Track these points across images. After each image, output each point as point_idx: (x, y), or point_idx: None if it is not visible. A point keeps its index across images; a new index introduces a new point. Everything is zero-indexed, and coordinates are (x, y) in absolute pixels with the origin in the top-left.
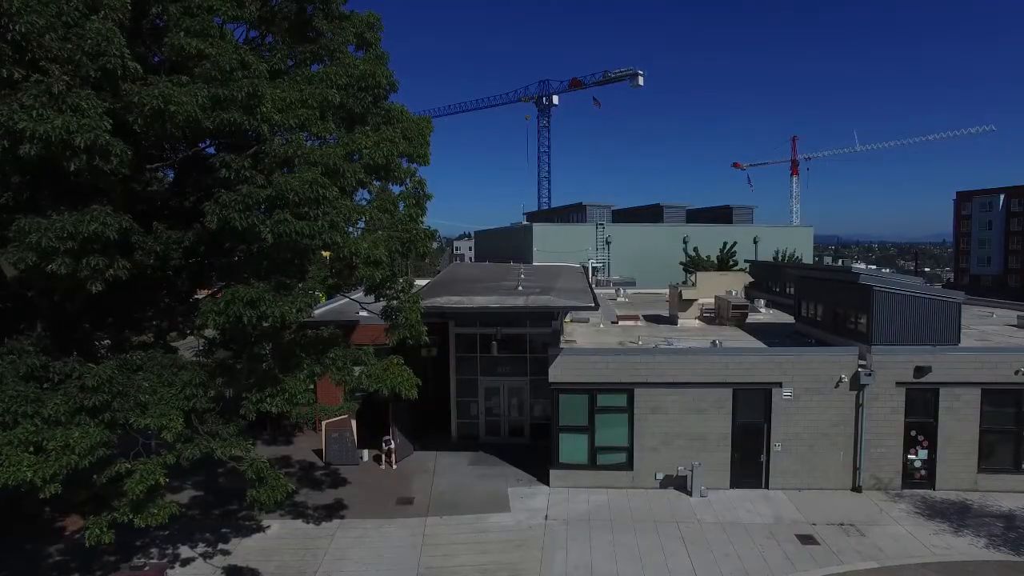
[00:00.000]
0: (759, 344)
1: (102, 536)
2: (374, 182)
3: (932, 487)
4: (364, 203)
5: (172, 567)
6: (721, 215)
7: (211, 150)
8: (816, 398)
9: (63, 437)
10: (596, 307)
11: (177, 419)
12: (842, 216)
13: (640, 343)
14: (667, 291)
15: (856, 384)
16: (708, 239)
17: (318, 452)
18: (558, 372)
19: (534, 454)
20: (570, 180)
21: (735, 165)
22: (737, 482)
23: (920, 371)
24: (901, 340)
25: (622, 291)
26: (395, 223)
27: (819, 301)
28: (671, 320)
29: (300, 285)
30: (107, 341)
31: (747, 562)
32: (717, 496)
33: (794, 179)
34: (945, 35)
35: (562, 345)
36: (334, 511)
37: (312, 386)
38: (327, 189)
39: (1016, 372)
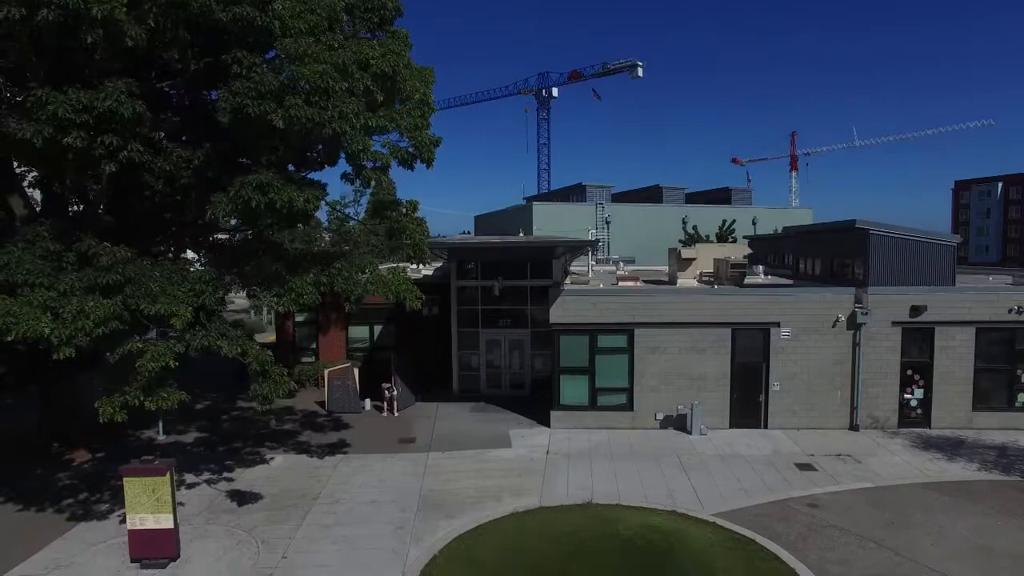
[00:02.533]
0: None
1: (115, 415)
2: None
3: (928, 425)
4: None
5: (178, 489)
6: (720, 197)
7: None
8: (814, 338)
9: (78, 304)
10: (596, 243)
11: (186, 309)
12: (841, 206)
13: None
14: (666, 269)
15: (853, 324)
16: (707, 219)
17: (320, 403)
18: (559, 312)
19: (535, 404)
20: (569, 167)
21: (734, 161)
22: (736, 422)
23: (916, 310)
24: (897, 283)
25: (622, 266)
26: (401, 130)
27: (816, 255)
28: (670, 282)
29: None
30: None
31: (745, 483)
32: (716, 434)
33: (793, 174)
34: (946, 18)
35: (563, 287)
36: (337, 448)
37: (318, 291)
38: (337, 83)
39: (1010, 310)
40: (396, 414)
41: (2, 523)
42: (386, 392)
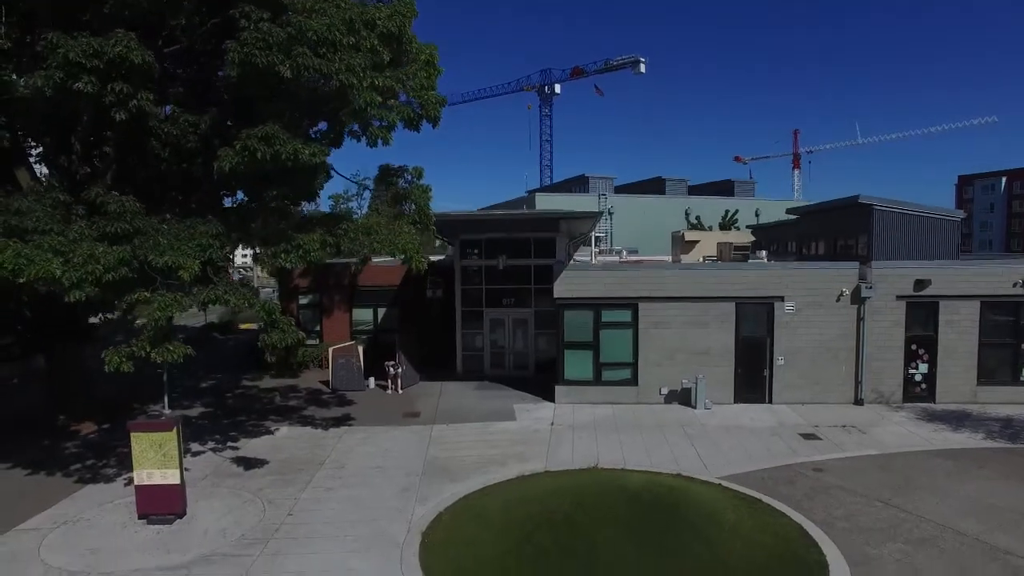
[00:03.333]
0: None
1: (121, 364)
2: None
3: (932, 400)
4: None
5: (183, 456)
6: (723, 188)
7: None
8: (818, 312)
9: (88, 249)
10: (599, 213)
11: (194, 262)
12: None
13: None
14: (669, 259)
15: (857, 298)
16: (710, 210)
17: (324, 383)
18: (563, 287)
19: (539, 384)
20: (572, 164)
21: (737, 159)
22: (740, 397)
23: (920, 284)
24: (901, 258)
25: (624, 254)
26: (408, 91)
27: (820, 236)
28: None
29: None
30: None
31: (750, 451)
32: (721, 409)
33: (796, 172)
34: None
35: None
36: (341, 421)
37: (325, 250)
38: (344, 36)
39: (1014, 284)
40: (400, 392)
41: (10, 486)
42: (390, 369)
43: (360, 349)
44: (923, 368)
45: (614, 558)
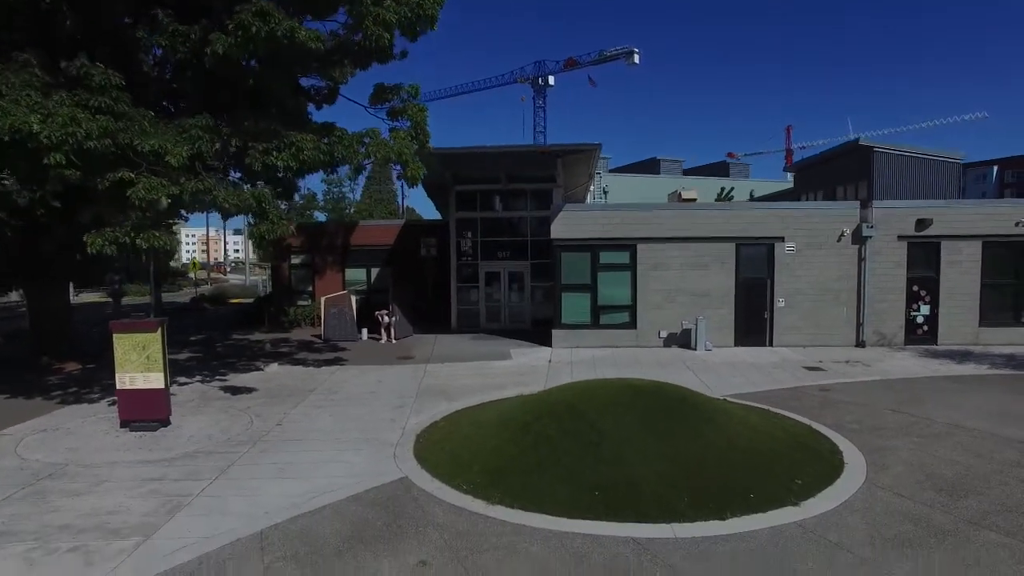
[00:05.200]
0: None
1: (103, 247)
2: None
3: (934, 342)
4: None
5: (169, 388)
6: (718, 170)
7: None
8: (819, 253)
9: (70, 112)
10: (599, 145)
11: (182, 148)
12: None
13: None
14: None
15: (858, 238)
16: (705, 190)
17: (316, 336)
18: (560, 227)
19: (536, 335)
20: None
21: (730, 155)
22: (741, 340)
23: (921, 224)
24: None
25: None
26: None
27: (819, 187)
28: None
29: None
30: None
31: (754, 379)
32: (721, 351)
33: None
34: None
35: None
36: (333, 362)
37: (320, 156)
38: None
39: (1017, 224)
40: (394, 342)
41: None
42: (383, 318)
43: (353, 299)
44: (925, 310)
45: (620, 439)
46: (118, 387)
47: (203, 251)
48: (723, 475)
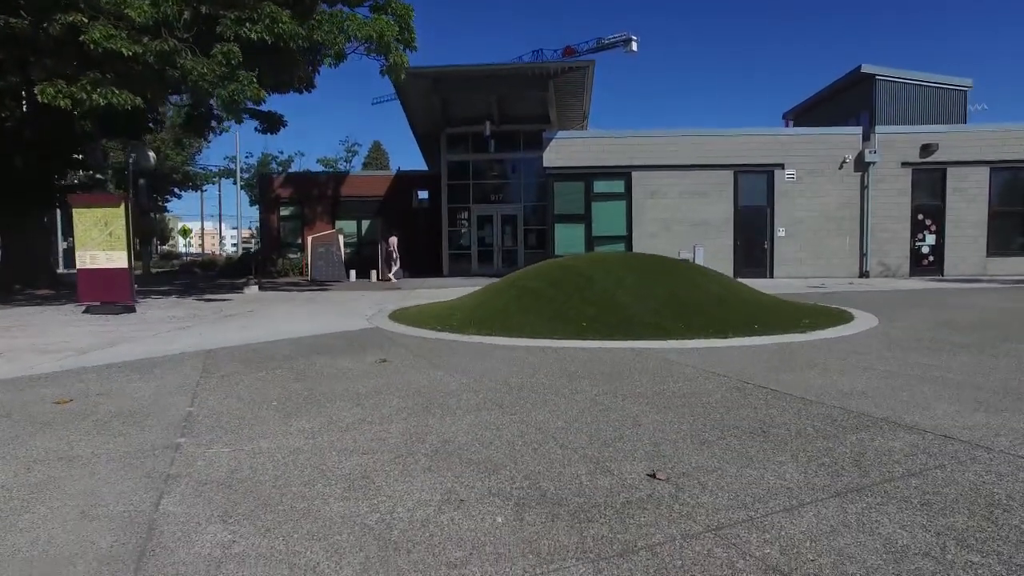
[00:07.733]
0: None
1: (56, 98)
2: None
3: (940, 273)
4: None
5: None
6: None
7: None
8: (820, 181)
9: None
10: (592, 61)
11: (144, 2)
12: None
13: None
14: None
15: (861, 165)
16: None
17: (304, 280)
18: (553, 155)
19: None
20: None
21: None
22: (741, 272)
23: (926, 149)
24: None
25: None
26: None
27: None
28: None
29: None
30: None
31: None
32: None
33: None
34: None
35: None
36: (317, 290)
37: (297, 33)
38: None
39: None
40: (392, 278)
41: None
42: (386, 247)
43: (341, 239)
44: (930, 239)
45: (612, 285)
46: (78, 266)
47: (200, 246)
48: (723, 316)
